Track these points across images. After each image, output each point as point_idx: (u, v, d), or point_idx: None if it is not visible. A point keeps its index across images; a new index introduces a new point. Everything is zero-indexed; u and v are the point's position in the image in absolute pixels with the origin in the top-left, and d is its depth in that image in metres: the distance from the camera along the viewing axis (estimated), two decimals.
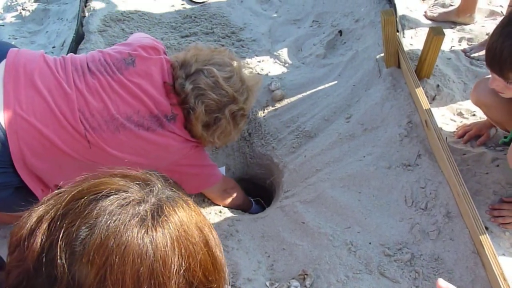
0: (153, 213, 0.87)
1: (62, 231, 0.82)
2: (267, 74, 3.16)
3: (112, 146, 2.03)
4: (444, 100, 2.73)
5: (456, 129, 2.58)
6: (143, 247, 0.83)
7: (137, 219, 0.85)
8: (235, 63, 2.31)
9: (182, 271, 0.87)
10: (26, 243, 0.84)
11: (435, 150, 2.36)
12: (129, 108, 2.07)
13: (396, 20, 2.67)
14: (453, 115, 2.68)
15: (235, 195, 2.63)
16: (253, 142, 2.95)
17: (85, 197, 0.86)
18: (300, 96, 3.02)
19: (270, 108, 3.01)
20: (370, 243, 2.19)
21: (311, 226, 2.31)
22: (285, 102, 3.01)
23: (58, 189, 0.93)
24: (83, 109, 2.01)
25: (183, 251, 0.87)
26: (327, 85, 3.02)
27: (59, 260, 0.80)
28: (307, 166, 2.63)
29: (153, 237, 0.85)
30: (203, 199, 2.59)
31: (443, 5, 3.33)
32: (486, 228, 2.07)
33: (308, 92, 3.02)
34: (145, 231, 0.84)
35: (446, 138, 2.45)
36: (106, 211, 0.84)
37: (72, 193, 0.88)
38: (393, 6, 3.08)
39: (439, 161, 2.33)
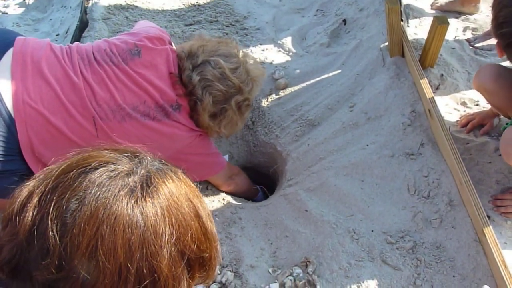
0: (143, 184, 0.88)
1: (53, 203, 0.83)
2: (271, 63, 3.16)
3: (118, 135, 2.04)
4: (447, 89, 2.73)
5: (460, 118, 2.59)
6: (133, 217, 0.84)
7: (127, 189, 0.86)
8: (240, 54, 2.33)
9: (173, 240, 0.87)
10: (17, 217, 0.85)
11: (438, 139, 2.37)
12: (135, 98, 2.08)
13: (401, 9, 2.66)
14: (457, 105, 2.68)
15: (240, 182, 2.65)
16: (256, 131, 2.96)
17: (74, 170, 0.87)
18: (303, 84, 3.02)
19: (274, 97, 3.02)
20: (372, 231, 2.21)
21: (314, 214, 2.32)
22: (289, 90, 3.02)
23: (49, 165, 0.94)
24: (90, 99, 2.02)
25: (173, 221, 0.88)
26: (331, 74, 3.02)
27: (50, 232, 0.81)
28: (311, 154, 2.64)
29: (143, 207, 0.86)
30: (206, 187, 2.61)
31: None
32: (488, 217, 2.08)
33: (312, 81, 3.02)
34: (134, 201, 0.86)
35: (450, 127, 2.46)
36: (95, 183, 0.85)
37: (62, 167, 0.89)
38: None
39: (442, 150, 2.34)
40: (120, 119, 2.05)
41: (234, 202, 2.58)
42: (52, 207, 0.83)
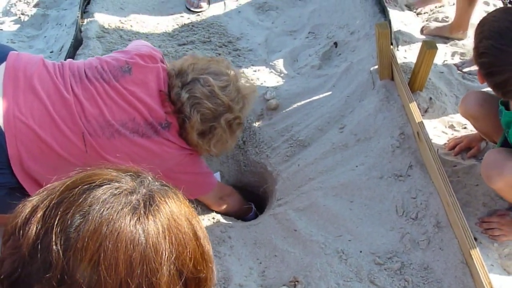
0: (145, 202, 0.90)
1: (57, 218, 0.85)
2: (262, 84, 3.19)
3: (107, 151, 2.05)
4: (436, 112, 2.78)
5: (447, 141, 2.62)
6: (135, 234, 0.86)
7: (130, 207, 0.88)
8: (231, 73, 2.34)
9: (172, 258, 0.89)
10: (21, 231, 0.86)
11: (427, 162, 2.40)
12: (124, 114, 2.10)
13: (390, 33, 2.71)
14: (445, 128, 2.72)
15: (232, 202, 2.65)
16: (247, 150, 2.98)
17: (79, 187, 0.89)
18: (294, 105, 3.05)
19: (265, 117, 3.04)
20: (361, 252, 2.22)
21: (303, 234, 2.34)
22: (280, 111, 3.04)
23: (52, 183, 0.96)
24: (80, 114, 2.03)
25: (173, 240, 0.90)
26: (321, 96, 3.06)
27: (54, 246, 0.83)
28: (300, 174, 2.66)
29: (145, 225, 0.87)
30: (196, 205, 2.61)
31: (436, 19, 3.39)
32: (475, 239, 2.11)
33: (303, 102, 3.05)
34: (137, 219, 0.87)
35: (438, 150, 2.49)
36: (99, 200, 0.87)
37: (66, 184, 0.91)
38: (388, 20, 3.13)
39: (430, 172, 2.37)
40: (109, 135, 2.06)
41: (223, 221, 2.59)
42: (56, 221, 0.85)
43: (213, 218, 2.55)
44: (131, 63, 2.18)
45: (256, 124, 3.02)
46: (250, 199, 2.97)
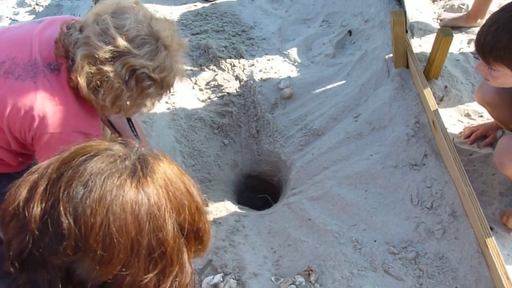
0: (141, 166, 0.95)
1: (61, 191, 0.89)
2: (276, 73, 3.19)
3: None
4: (452, 101, 2.75)
5: (463, 129, 2.60)
6: (138, 195, 0.92)
7: (128, 171, 0.93)
8: (142, 12, 1.89)
9: (174, 215, 0.95)
10: (24, 210, 0.90)
11: (442, 150, 2.38)
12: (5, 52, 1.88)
13: (406, 21, 2.68)
14: (461, 116, 2.69)
15: None
16: (261, 140, 2.98)
17: (76, 158, 0.94)
18: (308, 94, 3.04)
19: (279, 106, 3.04)
20: (375, 241, 2.22)
21: (317, 223, 2.33)
22: (294, 100, 3.04)
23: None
24: None
25: (171, 198, 0.96)
26: (335, 84, 3.04)
27: (63, 218, 0.87)
28: (315, 164, 2.66)
29: (145, 186, 0.93)
30: (206, 197, 2.62)
31: (452, 7, 3.34)
32: (491, 228, 2.09)
33: (317, 91, 3.04)
34: (137, 181, 0.93)
35: (453, 138, 2.47)
36: (99, 168, 0.92)
37: (62, 158, 0.95)
38: (403, 7, 3.10)
39: (446, 161, 2.35)
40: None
41: (238, 210, 2.60)
42: (61, 194, 0.89)
43: (227, 208, 2.56)
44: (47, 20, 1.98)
45: (270, 113, 3.01)
46: (264, 188, 2.98)
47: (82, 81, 1.78)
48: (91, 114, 1.92)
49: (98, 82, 1.78)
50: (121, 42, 1.76)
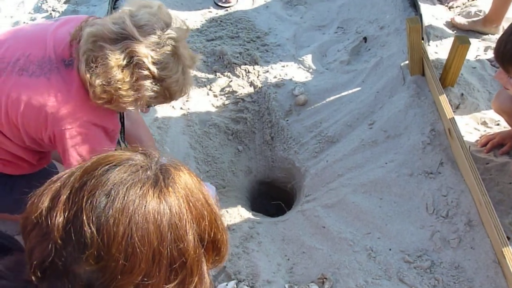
0: (163, 176, 0.96)
1: (84, 200, 0.90)
2: (291, 79, 3.19)
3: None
4: (468, 109, 2.73)
5: (480, 138, 2.58)
6: (160, 205, 0.93)
7: (150, 181, 0.94)
8: (160, 10, 1.85)
9: (194, 225, 0.96)
10: (48, 218, 0.91)
11: (458, 159, 2.36)
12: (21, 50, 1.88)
13: (422, 28, 2.67)
14: (477, 124, 2.67)
15: None
16: (275, 146, 2.98)
17: (99, 168, 0.95)
18: (323, 101, 3.04)
19: (293, 113, 3.04)
20: (390, 249, 2.20)
21: (331, 231, 2.32)
22: (308, 107, 3.03)
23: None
24: None
25: (192, 208, 0.97)
26: (350, 91, 3.03)
27: (86, 227, 0.88)
28: (329, 171, 2.65)
29: (166, 197, 0.94)
30: (221, 200, 2.62)
31: (469, 14, 3.32)
32: (508, 238, 2.06)
33: (332, 98, 3.03)
34: (159, 191, 0.94)
35: (469, 146, 2.45)
36: (122, 177, 0.93)
37: (83, 168, 0.96)
38: (419, 14, 3.09)
39: (462, 169, 2.33)
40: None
41: (251, 216, 2.59)
42: (84, 203, 0.90)
43: (241, 214, 2.56)
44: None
45: (284, 120, 3.01)
46: (279, 195, 2.98)
47: (81, 56, 1.75)
48: (105, 109, 1.89)
49: (94, 59, 1.73)
50: (129, 26, 1.74)
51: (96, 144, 1.85)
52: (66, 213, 0.90)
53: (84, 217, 0.88)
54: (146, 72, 1.77)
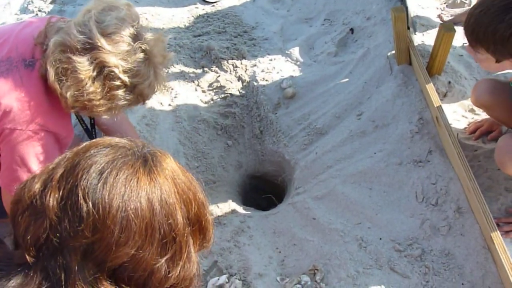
0: (152, 158, 1.03)
1: (79, 176, 0.95)
2: (278, 72, 3.18)
3: None
4: (455, 96, 2.73)
5: (468, 125, 2.58)
6: (151, 182, 0.99)
7: (141, 161, 1.00)
8: (128, 13, 1.82)
9: (182, 205, 1.02)
10: (41, 197, 0.95)
11: (446, 146, 2.36)
12: None
13: (407, 17, 2.67)
14: (465, 112, 2.68)
15: None
16: (264, 140, 2.98)
17: (90, 150, 1.00)
18: (311, 94, 3.03)
19: (282, 106, 3.03)
20: (380, 239, 2.21)
21: (322, 222, 2.33)
22: (297, 99, 3.03)
23: None
24: None
25: (179, 190, 1.03)
26: (338, 83, 3.03)
27: (82, 201, 0.93)
28: (318, 163, 2.65)
29: (156, 176, 1.00)
30: (210, 194, 2.62)
31: (454, 2, 3.32)
32: (497, 224, 2.07)
33: (320, 90, 3.03)
34: (149, 170, 1.00)
35: (457, 134, 2.45)
36: (113, 157, 0.99)
37: (75, 151, 1.01)
38: (404, 3, 3.08)
39: (450, 157, 2.33)
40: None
41: (242, 211, 2.59)
42: (79, 180, 0.94)
43: (232, 209, 2.56)
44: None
45: (273, 114, 3.01)
46: (269, 189, 2.98)
47: (49, 67, 1.71)
48: (62, 114, 1.87)
49: (64, 71, 1.70)
50: (96, 35, 1.69)
51: (43, 152, 1.82)
52: (61, 191, 0.95)
53: (80, 193, 0.93)
54: (118, 82, 1.75)
